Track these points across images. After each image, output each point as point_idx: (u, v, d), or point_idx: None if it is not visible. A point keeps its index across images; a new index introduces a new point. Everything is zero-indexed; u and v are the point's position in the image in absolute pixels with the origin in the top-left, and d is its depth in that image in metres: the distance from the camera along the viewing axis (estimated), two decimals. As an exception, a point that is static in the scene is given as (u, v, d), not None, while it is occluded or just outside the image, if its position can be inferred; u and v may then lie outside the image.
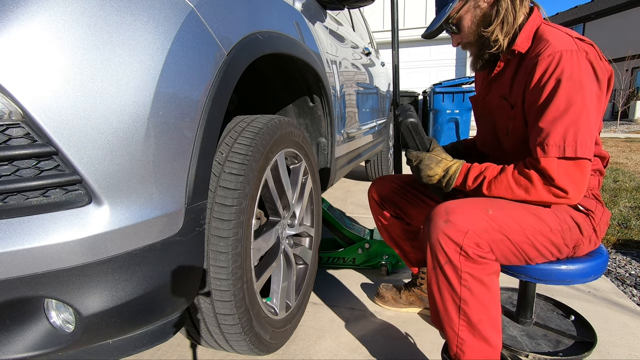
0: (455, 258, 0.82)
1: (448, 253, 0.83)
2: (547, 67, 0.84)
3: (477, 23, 0.98)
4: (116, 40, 0.62)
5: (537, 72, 0.86)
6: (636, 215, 2.65)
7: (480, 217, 0.85)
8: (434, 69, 7.36)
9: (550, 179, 0.84)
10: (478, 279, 0.83)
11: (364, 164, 4.05)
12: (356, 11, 3.12)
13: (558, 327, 1.12)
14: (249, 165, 0.91)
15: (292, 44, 1.19)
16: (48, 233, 0.58)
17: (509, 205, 0.89)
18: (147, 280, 0.69)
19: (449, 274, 0.84)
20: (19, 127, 0.57)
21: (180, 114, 0.71)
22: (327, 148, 1.61)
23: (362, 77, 2.34)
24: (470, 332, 0.85)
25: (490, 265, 0.84)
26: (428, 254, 0.87)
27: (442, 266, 0.84)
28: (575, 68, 0.82)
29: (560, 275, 0.93)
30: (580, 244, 0.95)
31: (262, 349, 1.04)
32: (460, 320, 0.85)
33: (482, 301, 0.83)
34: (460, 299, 0.84)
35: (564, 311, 1.20)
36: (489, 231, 0.84)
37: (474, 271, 0.82)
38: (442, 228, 0.83)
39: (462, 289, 0.83)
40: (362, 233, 1.88)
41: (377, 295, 1.48)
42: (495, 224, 0.85)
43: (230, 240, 0.86)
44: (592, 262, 0.94)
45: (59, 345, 0.65)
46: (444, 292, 0.86)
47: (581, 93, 0.81)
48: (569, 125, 0.81)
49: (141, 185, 0.66)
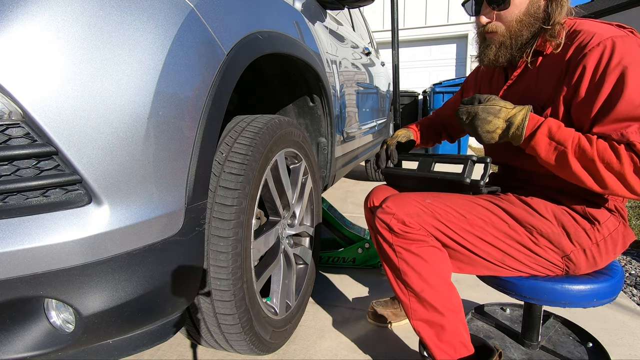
0: (387, 236, 0.90)
1: (383, 233, 0.91)
2: (601, 57, 0.77)
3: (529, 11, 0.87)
4: (116, 40, 0.62)
5: (590, 63, 0.78)
6: (636, 215, 2.65)
7: (413, 204, 0.91)
8: (434, 69, 7.36)
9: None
10: (407, 249, 0.89)
11: (364, 163, 4.05)
12: (356, 11, 3.12)
13: (569, 354, 0.99)
14: (249, 165, 0.91)
15: (292, 44, 1.19)
16: (48, 233, 0.58)
17: (454, 197, 0.93)
18: (147, 280, 0.69)
19: (387, 251, 0.91)
20: (19, 127, 0.57)
21: (180, 114, 0.71)
22: (327, 148, 1.61)
23: (362, 77, 2.34)
24: (418, 302, 0.90)
25: (412, 234, 0.88)
26: (374, 238, 0.97)
27: (382, 245, 0.92)
28: (633, 52, 0.75)
29: (554, 295, 0.82)
30: (572, 256, 0.85)
31: (262, 348, 1.04)
32: (409, 293, 0.91)
33: (420, 271, 0.88)
34: (401, 271, 0.90)
35: (582, 337, 1.07)
36: (421, 215, 0.89)
37: (402, 243, 0.89)
38: (377, 213, 0.92)
39: (400, 261, 0.90)
40: (362, 233, 1.88)
41: (373, 315, 1.35)
42: (429, 209, 0.90)
43: (230, 240, 0.86)
44: (596, 283, 0.82)
45: (59, 345, 0.64)
46: (391, 269, 0.93)
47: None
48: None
49: (141, 185, 0.66)
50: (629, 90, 0.74)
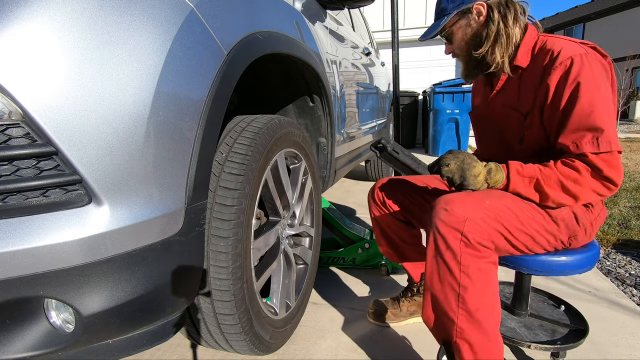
0: (455, 245, 0.84)
1: (448, 240, 0.84)
2: (563, 73, 0.89)
3: (467, 41, 1.03)
4: (116, 41, 0.62)
5: (553, 80, 0.91)
6: (636, 215, 2.65)
7: (477, 206, 0.87)
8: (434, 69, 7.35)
9: (598, 170, 0.86)
10: (476, 266, 0.84)
11: (364, 164, 4.05)
12: (356, 11, 3.12)
13: (551, 317, 1.15)
14: (249, 165, 0.91)
15: (292, 44, 1.19)
16: (48, 233, 0.58)
17: (504, 196, 0.92)
18: (147, 280, 0.69)
19: (448, 260, 0.85)
20: (19, 127, 0.57)
21: (180, 114, 0.71)
22: (327, 148, 1.61)
23: (362, 77, 2.34)
24: (468, 321, 0.85)
25: (488, 253, 0.85)
26: (430, 242, 0.88)
27: (443, 253, 0.86)
28: (588, 69, 0.87)
29: (557, 267, 0.96)
30: (577, 235, 0.96)
31: (262, 348, 1.04)
32: (460, 309, 0.85)
33: (480, 289, 0.84)
34: (460, 285, 0.84)
35: (555, 302, 1.23)
36: (487, 220, 0.86)
37: (473, 258, 0.84)
38: (442, 216, 0.86)
39: (462, 275, 0.84)
40: (362, 233, 1.88)
41: (374, 315, 1.36)
42: (492, 212, 0.87)
43: (230, 240, 0.86)
44: (586, 253, 0.98)
45: (59, 345, 0.64)
46: (444, 280, 0.87)
47: (599, 92, 0.87)
48: (597, 122, 0.85)
49: (141, 185, 0.66)
50: (581, 102, 0.86)
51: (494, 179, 0.93)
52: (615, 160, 0.86)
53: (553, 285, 1.62)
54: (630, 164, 4.75)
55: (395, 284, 1.67)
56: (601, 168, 0.85)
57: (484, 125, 1.17)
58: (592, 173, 0.86)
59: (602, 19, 17.85)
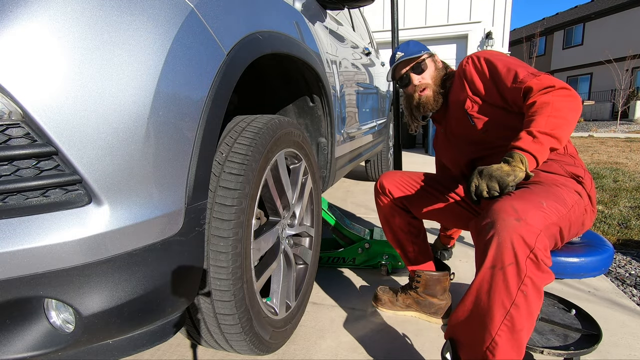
0: (522, 261, 0.77)
1: (517, 254, 0.77)
2: (473, 65, 1.19)
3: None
4: (116, 41, 0.62)
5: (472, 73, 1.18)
6: (636, 215, 2.65)
7: (542, 213, 0.83)
8: (434, 69, 7.35)
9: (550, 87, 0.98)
10: (537, 286, 0.79)
11: (364, 164, 4.05)
12: (356, 11, 3.12)
13: (563, 321, 1.13)
14: (249, 165, 0.91)
15: (292, 44, 1.19)
16: (48, 233, 0.58)
17: (551, 190, 0.94)
18: (147, 280, 0.69)
19: (510, 275, 0.78)
20: (19, 127, 0.57)
21: (180, 114, 0.71)
22: (327, 148, 1.61)
23: (362, 77, 2.34)
24: (508, 339, 0.80)
25: (550, 275, 0.80)
26: (491, 252, 0.80)
27: (505, 267, 0.78)
28: (482, 53, 1.19)
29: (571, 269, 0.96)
30: (587, 211, 1.01)
31: (262, 348, 1.04)
32: (503, 325, 0.80)
33: (532, 309, 0.79)
34: (513, 303, 0.79)
35: (565, 305, 1.21)
36: (549, 227, 0.85)
37: (536, 277, 0.78)
38: (515, 227, 0.78)
39: (519, 293, 0.78)
40: (362, 233, 1.88)
41: (374, 297, 1.48)
42: (553, 217, 0.87)
43: (230, 240, 0.86)
44: (599, 255, 0.98)
45: (59, 345, 0.64)
46: (495, 293, 0.80)
47: (502, 57, 1.15)
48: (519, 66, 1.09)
49: (141, 185, 0.66)
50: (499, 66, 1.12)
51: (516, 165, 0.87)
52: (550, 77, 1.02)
53: (553, 284, 1.62)
54: (630, 164, 4.75)
55: (395, 284, 1.67)
56: (553, 83, 0.98)
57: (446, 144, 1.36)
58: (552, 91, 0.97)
59: (602, 19, 17.85)
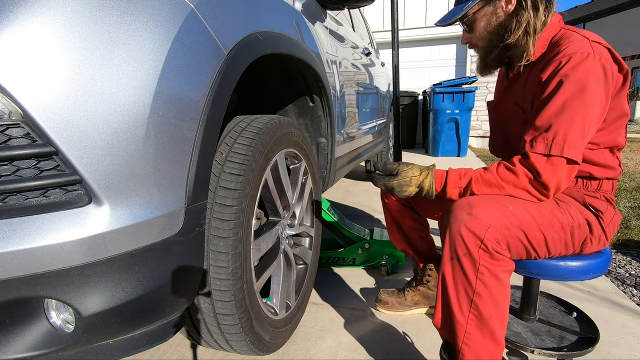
0: (474, 251, 0.82)
1: (468, 245, 0.83)
2: (555, 68, 0.86)
3: (490, 31, 0.98)
4: (116, 41, 0.62)
5: (545, 74, 0.89)
6: (636, 215, 2.65)
7: (501, 213, 0.86)
8: (434, 69, 7.34)
9: (537, 174, 0.87)
10: (494, 274, 0.83)
11: (364, 164, 4.05)
12: (356, 11, 3.12)
13: (561, 323, 1.13)
14: (249, 165, 0.91)
15: (292, 44, 1.19)
16: (48, 233, 0.58)
17: (526, 203, 0.91)
18: (147, 280, 0.69)
19: (466, 266, 0.83)
20: (19, 127, 0.57)
21: (180, 114, 0.71)
22: (327, 148, 1.61)
23: (362, 77, 2.34)
24: (478, 327, 0.85)
25: (506, 262, 0.85)
26: (446, 244, 0.86)
27: (460, 258, 0.84)
28: (582, 70, 0.83)
29: (567, 272, 0.95)
30: (588, 242, 0.95)
31: (262, 349, 1.04)
32: (471, 314, 0.85)
33: (495, 297, 0.83)
34: (475, 292, 0.84)
35: (566, 308, 1.20)
36: (509, 227, 0.85)
37: (491, 266, 0.83)
38: (464, 220, 0.84)
39: (478, 282, 0.83)
40: (362, 233, 1.88)
41: (379, 301, 1.43)
42: (515, 220, 0.86)
43: (230, 240, 0.86)
44: (595, 259, 0.96)
45: (59, 345, 0.65)
46: (458, 284, 0.85)
47: (582, 96, 0.83)
48: (561, 125, 0.84)
49: (141, 185, 0.66)
50: (556, 100, 0.84)
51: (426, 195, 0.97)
52: (562, 168, 0.85)
53: (553, 284, 1.62)
54: (630, 164, 4.75)
55: (395, 284, 1.67)
56: (540, 172, 0.86)
57: (495, 117, 1.16)
58: (530, 179, 0.88)
59: (602, 19, 17.84)
